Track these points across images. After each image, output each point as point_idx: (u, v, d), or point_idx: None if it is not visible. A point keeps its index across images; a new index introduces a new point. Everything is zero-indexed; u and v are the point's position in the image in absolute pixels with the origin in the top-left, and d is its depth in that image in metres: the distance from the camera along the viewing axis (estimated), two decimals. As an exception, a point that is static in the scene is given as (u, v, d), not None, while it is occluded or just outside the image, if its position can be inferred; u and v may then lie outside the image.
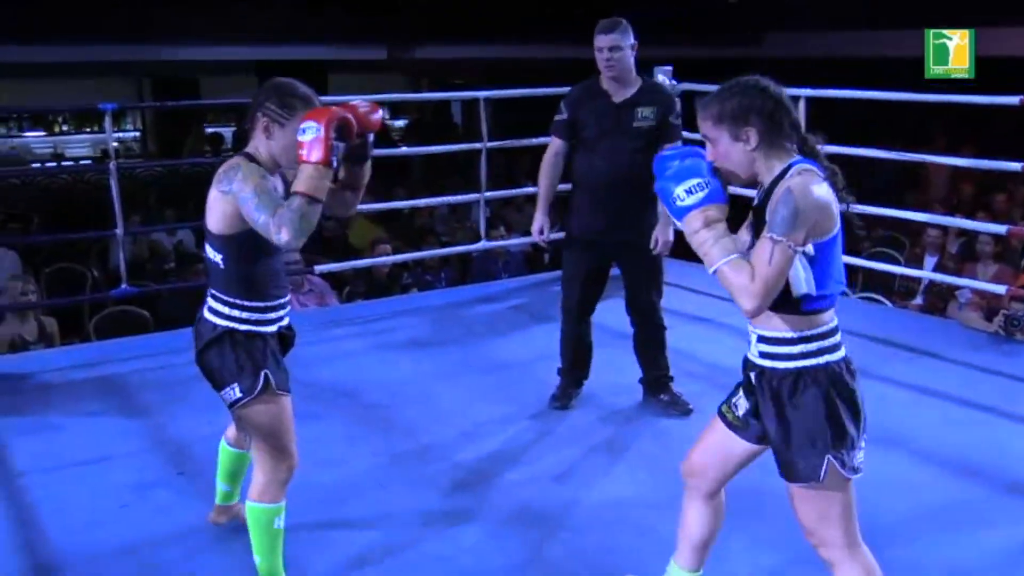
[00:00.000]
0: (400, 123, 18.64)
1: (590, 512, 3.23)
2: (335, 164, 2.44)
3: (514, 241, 7.11)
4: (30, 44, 11.21)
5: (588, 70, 3.97)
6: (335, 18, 12.98)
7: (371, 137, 2.66)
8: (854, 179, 2.26)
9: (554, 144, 4.00)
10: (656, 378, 4.09)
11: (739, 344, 4.85)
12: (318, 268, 5.92)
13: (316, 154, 2.38)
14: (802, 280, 2.07)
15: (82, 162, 15.32)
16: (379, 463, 3.60)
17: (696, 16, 13.54)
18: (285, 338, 2.75)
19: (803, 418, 2.15)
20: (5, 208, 10.95)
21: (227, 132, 17.48)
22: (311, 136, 2.39)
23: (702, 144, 2.24)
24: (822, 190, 2.07)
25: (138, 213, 9.08)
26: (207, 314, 2.63)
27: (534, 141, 6.05)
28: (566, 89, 4.13)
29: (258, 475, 2.63)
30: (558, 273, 6.39)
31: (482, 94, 5.94)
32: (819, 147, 2.19)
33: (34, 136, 16.35)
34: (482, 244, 6.24)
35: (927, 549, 2.97)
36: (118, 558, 2.96)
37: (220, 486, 3.08)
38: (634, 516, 3.18)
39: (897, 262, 7.23)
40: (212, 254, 2.57)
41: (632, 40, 3.84)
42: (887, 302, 6.50)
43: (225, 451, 3.03)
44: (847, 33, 12.75)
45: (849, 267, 6.35)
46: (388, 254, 6.81)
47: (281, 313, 2.67)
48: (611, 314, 4.19)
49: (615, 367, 4.25)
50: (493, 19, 13.13)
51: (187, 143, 15.38)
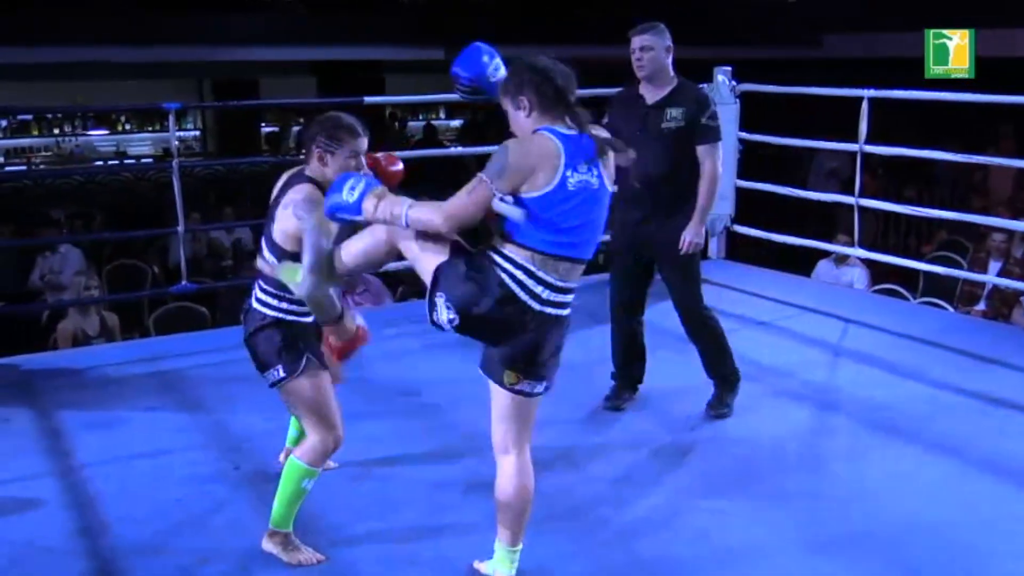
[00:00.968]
0: (455, 123, 18.72)
1: (643, 516, 3.20)
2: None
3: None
4: (96, 46, 11.45)
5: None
6: (392, 19, 13.08)
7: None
8: (918, 181, 2.22)
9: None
10: (713, 377, 4.04)
11: (797, 347, 4.78)
12: (373, 267, 5.94)
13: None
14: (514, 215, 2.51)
15: (143, 160, 15.58)
16: (433, 462, 3.60)
17: (756, 18, 13.42)
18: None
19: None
20: (70, 205, 11.19)
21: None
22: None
23: (759, 146, 2.26)
24: (538, 151, 2.46)
25: (198, 211, 9.23)
26: (256, 304, 2.96)
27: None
28: (620, 89, 4.14)
29: (311, 439, 2.92)
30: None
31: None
32: (587, 120, 2.60)
33: (98, 135, 16.67)
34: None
35: (984, 561, 2.90)
36: (174, 550, 2.99)
37: (292, 431, 3.46)
38: (688, 521, 3.15)
39: (960, 266, 7.08)
40: (268, 256, 2.90)
41: (667, 42, 3.84)
42: (949, 307, 6.37)
43: None
44: (906, 34, 12.51)
45: (910, 271, 6.32)
46: (443, 254, 6.81)
47: None
48: (670, 317, 4.14)
49: (672, 370, 4.21)
50: (550, 20, 13.14)
51: (282, 147, 15.89)
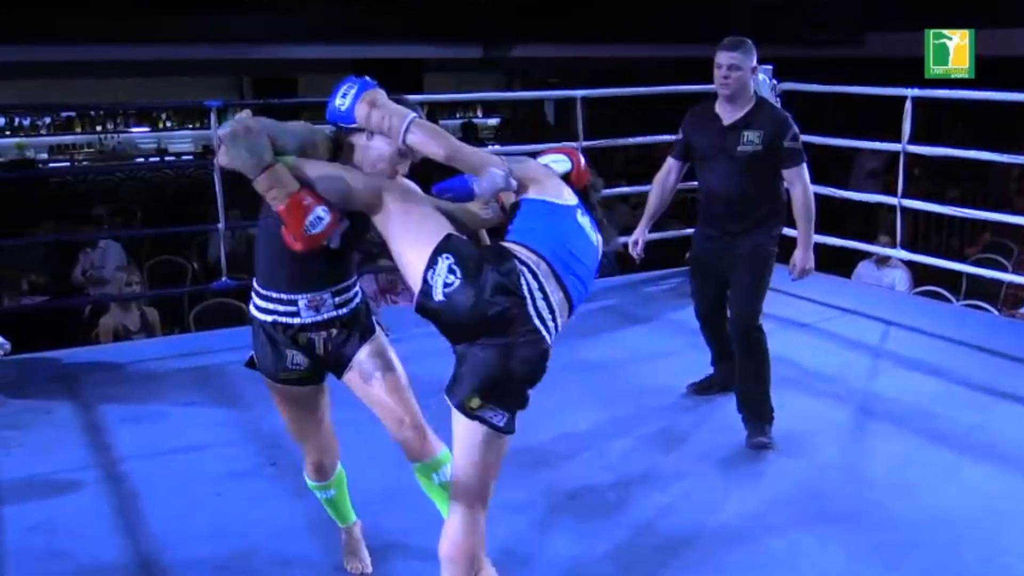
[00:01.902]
0: (493, 121, 18.72)
1: (681, 520, 3.17)
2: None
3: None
4: (137, 44, 11.57)
5: (682, 71, 3.94)
6: (431, 17, 13.09)
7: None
8: (963, 182, 2.19)
9: (667, 162, 4.08)
10: (747, 413, 3.77)
11: (838, 349, 4.72)
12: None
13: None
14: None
15: (184, 157, 15.74)
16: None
17: (797, 16, 13.29)
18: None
19: None
20: (111, 202, 11.32)
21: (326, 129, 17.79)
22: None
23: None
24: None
25: (238, 208, 9.29)
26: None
27: (628, 141, 6.01)
28: (661, 89, 4.14)
29: None
30: (650, 274, 6.35)
31: (579, 93, 5.90)
32: None
33: (139, 132, 16.86)
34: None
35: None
36: (211, 544, 3.02)
37: None
38: (723, 521, 3.11)
39: (1004, 269, 6.97)
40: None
41: (754, 61, 3.75)
42: (993, 310, 6.27)
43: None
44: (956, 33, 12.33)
45: (953, 273, 6.22)
46: (480, 252, 6.82)
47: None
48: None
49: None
50: (587, 19, 13.08)
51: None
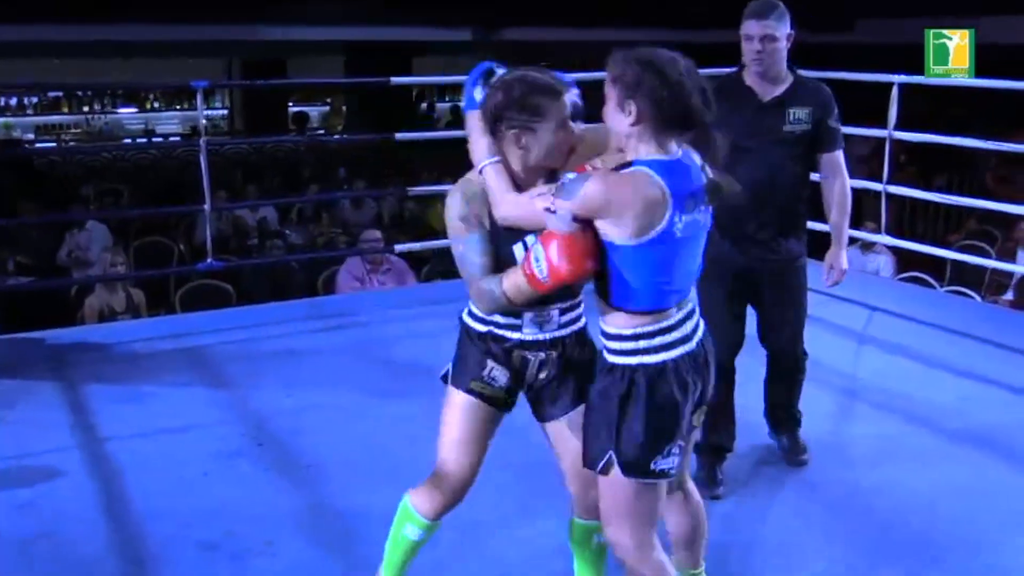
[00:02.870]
0: (482, 105, 18.68)
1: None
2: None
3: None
4: (126, 24, 11.50)
5: (687, 54, 3.71)
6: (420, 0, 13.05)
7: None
8: (949, 169, 2.20)
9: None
10: (781, 416, 3.48)
11: (822, 334, 4.73)
12: (398, 247, 5.95)
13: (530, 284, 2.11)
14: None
15: (172, 138, 15.69)
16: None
17: (786, 2, 13.28)
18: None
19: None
20: (98, 182, 11.29)
21: (313, 111, 17.78)
22: (535, 270, 2.07)
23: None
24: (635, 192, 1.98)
25: (224, 189, 9.28)
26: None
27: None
28: (719, 77, 3.66)
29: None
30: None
31: (569, 76, 5.88)
32: (716, 157, 2.08)
33: (127, 113, 16.78)
34: (561, 226, 6.21)
35: (1011, 554, 2.87)
36: (199, 524, 3.03)
37: None
38: (717, 508, 3.13)
39: (988, 255, 7.01)
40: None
41: (788, 29, 3.15)
42: (977, 297, 6.31)
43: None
44: (940, 19, 12.36)
45: (938, 260, 6.26)
46: (467, 235, 6.83)
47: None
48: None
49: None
50: (580, 1, 13.05)
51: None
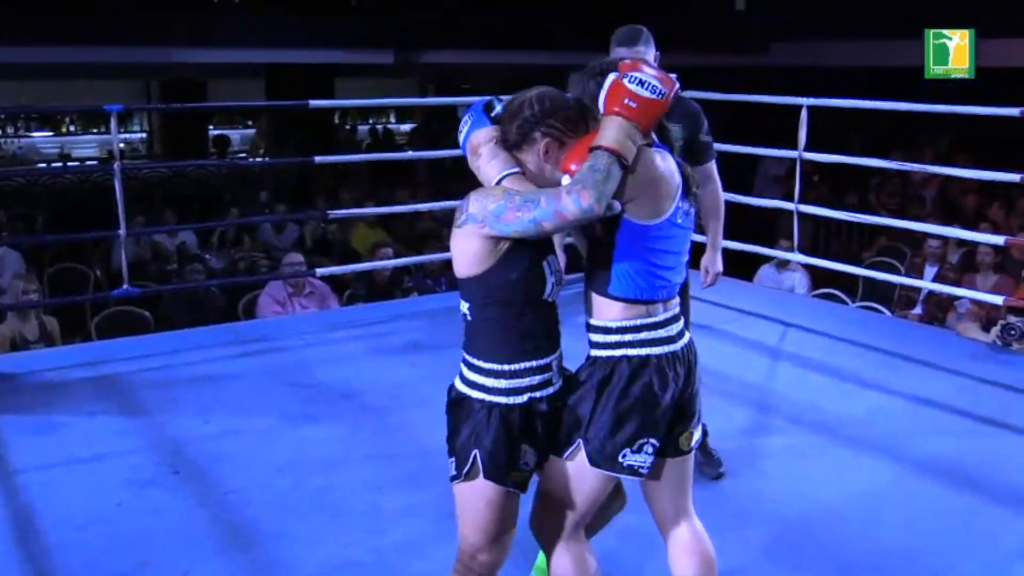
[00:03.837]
0: (406, 128, 18.71)
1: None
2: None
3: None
4: (42, 45, 11.26)
5: None
6: (342, 22, 13.04)
7: None
8: (860, 188, 2.29)
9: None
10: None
11: (737, 351, 4.85)
12: (319, 271, 5.94)
13: (644, 114, 2.04)
14: None
15: (88, 163, 15.38)
16: (376, 465, 3.61)
17: (702, 25, 13.58)
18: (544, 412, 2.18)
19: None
20: (10, 208, 11.01)
21: (234, 135, 17.60)
22: (647, 94, 2.03)
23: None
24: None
25: (142, 214, 9.14)
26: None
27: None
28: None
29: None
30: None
31: (496, 96, 5.94)
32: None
33: (41, 136, 16.42)
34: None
35: (921, 558, 2.97)
36: (112, 555, 2.97)
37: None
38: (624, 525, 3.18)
39: (898, 272, 7.24)
40: (462, 304, 2.17)
41: (655, 51, 3.34)
42: (887, 312, 6.51)
43: None
44: (854, 43, 12.77)
45: (850, 276, 6.44)
46: (390, 258, 6.83)
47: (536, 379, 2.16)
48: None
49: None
50: (500, 26, 13.18)
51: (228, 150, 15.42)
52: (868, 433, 3.90)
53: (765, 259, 6.86)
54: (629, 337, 2.15)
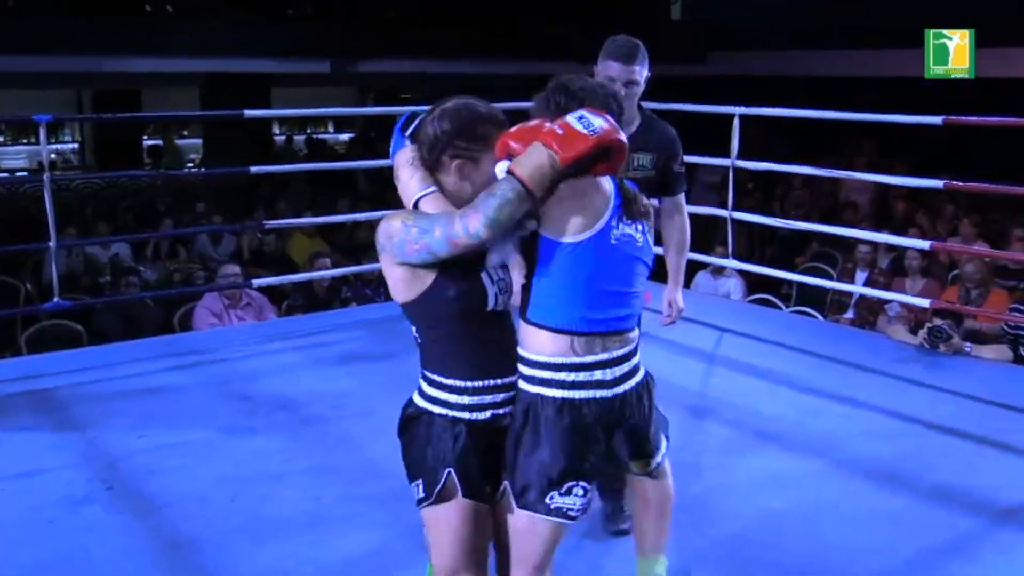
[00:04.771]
0: (344, 137, 18.61)
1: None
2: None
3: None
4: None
5: (537, 85, 3.79)
6: (279, 31, 12.94)
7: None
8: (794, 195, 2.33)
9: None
10: (606, 481, 3.09)
11: (673, 356, 4.90)
12: (256, 282, 5.89)
13: (568, 147, 1.93)
14: None
15: (17, 174, 15.05)
16: (316, 477, 3.58)
17: (640, 34, 13.72)
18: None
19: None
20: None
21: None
22: (579, 128, 1.95)
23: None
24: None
25: (75, 226, 8.97)
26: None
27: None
28: (511, 105, 3.80)
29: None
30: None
31: (423, 109, 5.94)
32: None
33: (-32, 147, 16.02)
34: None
35: (853, 556, 3.03)
36: (46, 574, 2.92)
37: None
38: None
39: (830, 277, 7.39)
40: (412, 328, 2.13)
41: (648, 71, 3.11)
42: (819, 316, 6.64)
43: None
44: (790, 52, 13.04)
45: (784, 281, 6.56)
46: (328, 267, 6.80)
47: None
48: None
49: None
50: (437, 35, 13.19)
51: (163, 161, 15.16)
52: (802, 434, 3.98)
53: (702, 266, 6.96)
54: (548, 375, 2.02)
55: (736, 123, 5.38)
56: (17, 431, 3.98)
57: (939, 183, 4.78)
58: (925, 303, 5.15)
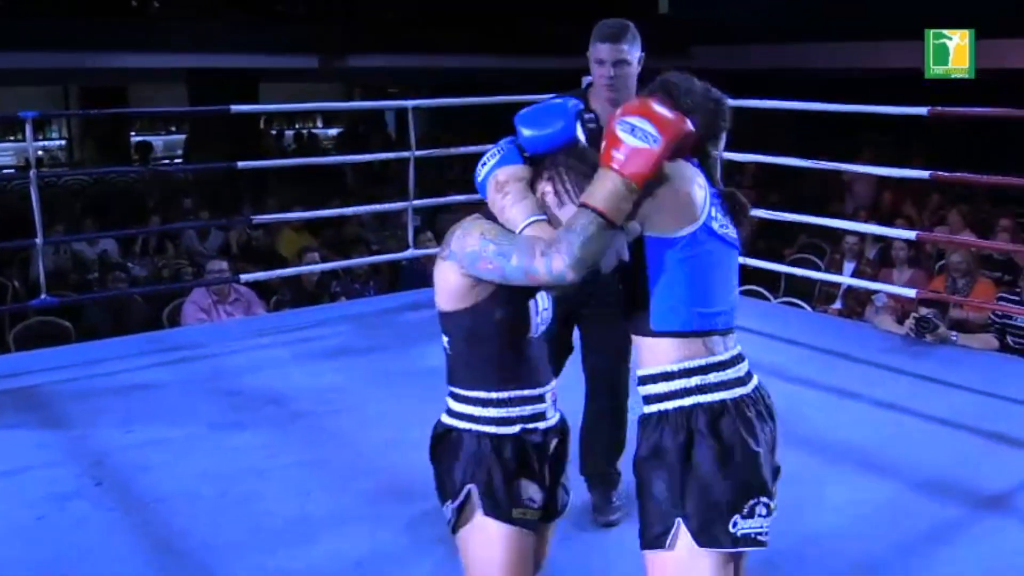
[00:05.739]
0: (332, 132, 18.58)
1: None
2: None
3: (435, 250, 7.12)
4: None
5: (524, 80, 3.84)
6: (266, 27, 12.91)
7: None
8: (784, 187, 2.32)
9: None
10: (595, 472, 3.19)
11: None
12: (244, 277, 5.88)
13: (635, 165, 1.78)
14: None
15: (5, 171, 15.00)
16: (305, 472, 3.59)
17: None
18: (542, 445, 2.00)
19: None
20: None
21: (157, 141, 17.30)
22: (637, 143, 1.79)
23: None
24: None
25: (63, 223, 8.94)
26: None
27: (463, 151, 6.09)
28: (498, 99, 3.70)
29: None
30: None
31: (410, 103, 5.96)
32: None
33: (-45, 145, 15.95)
34: (410, 252, 6.24)
35: (837, 544, 3.05)
36: (34, 571, 2.91)
37: None
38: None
39: (818, 268, 7.41)
40: (442, 336, 2.04)
41: (640, 51, 2.98)
42: (808, 307, 6.66)
43: None
44: (775, 46, 13.06)
45: (772, 273, 6.59)
46: (316, 263, 6.79)
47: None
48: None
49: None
50: (425, 29, 13.17)
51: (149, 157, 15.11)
52: (788, 424, 3.98)
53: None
54: (697, 380, 1.85)
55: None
56: (5, 428, 3.97)
57: (925, 173, 4.80)
58: (912, 293, 5.17)
